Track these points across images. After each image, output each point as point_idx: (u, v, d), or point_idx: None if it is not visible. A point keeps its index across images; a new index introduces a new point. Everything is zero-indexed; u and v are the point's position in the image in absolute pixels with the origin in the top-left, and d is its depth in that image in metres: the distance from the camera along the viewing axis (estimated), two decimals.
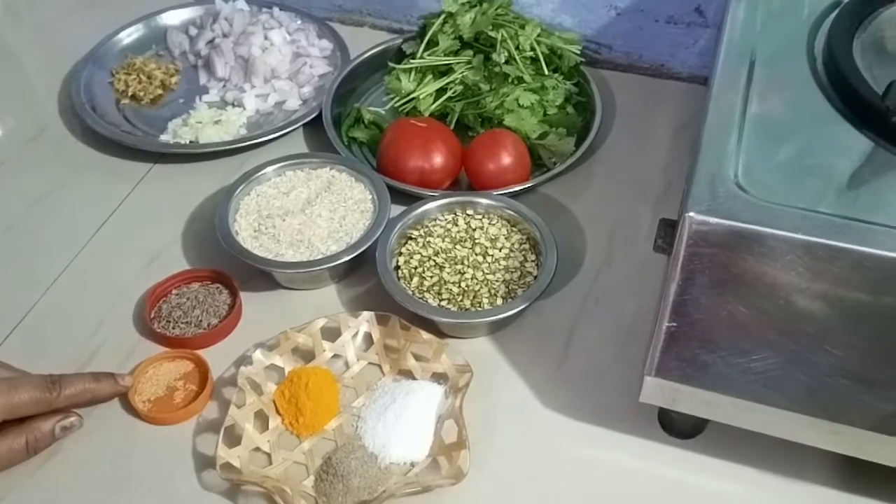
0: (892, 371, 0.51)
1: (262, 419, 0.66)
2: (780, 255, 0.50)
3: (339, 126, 0.89)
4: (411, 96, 0.88)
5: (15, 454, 0.63)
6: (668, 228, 0.55)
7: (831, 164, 0.54)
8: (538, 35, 0.88)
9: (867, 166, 0.55)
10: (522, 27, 0.88)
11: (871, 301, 0.49)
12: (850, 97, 0.58)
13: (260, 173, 0.79)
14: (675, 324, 0.54)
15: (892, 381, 0.51)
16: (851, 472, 0.61)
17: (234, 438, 0.64)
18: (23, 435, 0.63)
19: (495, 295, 0.71)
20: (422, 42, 0.90)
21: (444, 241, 0.74)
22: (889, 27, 0.65)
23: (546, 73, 0.87)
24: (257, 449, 0.64)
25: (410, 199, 0.78)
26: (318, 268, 0.72)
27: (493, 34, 0.87)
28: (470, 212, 0.77)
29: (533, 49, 0.87)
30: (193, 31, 1.01)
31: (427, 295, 0.71)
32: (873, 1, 0.66)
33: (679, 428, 0.64)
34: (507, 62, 0.86)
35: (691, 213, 0.50)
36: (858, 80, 0.58)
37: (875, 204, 0.52)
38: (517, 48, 0.86)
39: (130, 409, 0.67)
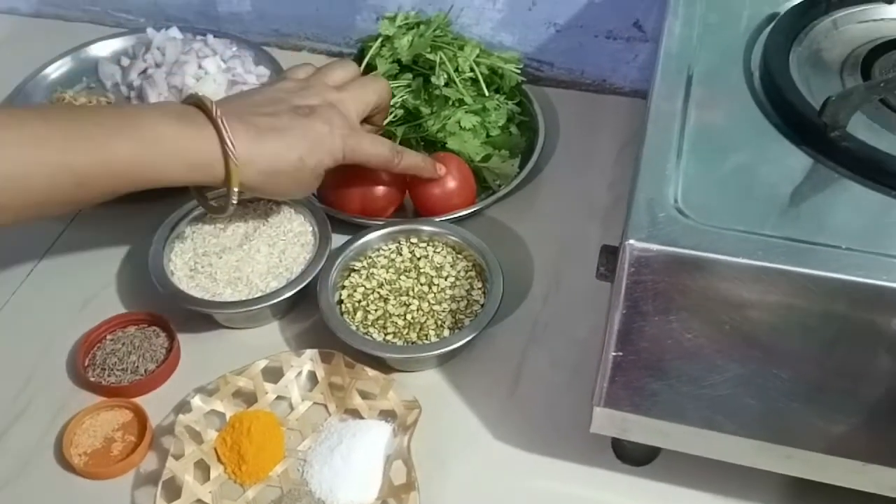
0: (840, 393, 0.50)
1: (203, 469, 0.63)
2: (723, 279, 0.49)
3: None
4: None
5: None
6: (610, 255, 0.54)
7: (771, 183, 0.54)
8: (477, 56, 0.86)
9: (807, 183, 0.54)
10: (461, 48, 0.86)
11: (817, 323, 0.49)
12: (787, 113, 0.57)
13: (196, 210, 0.76)
14: (620, 353, 0.52)
15: (840, 402, 0.50)
16: (805, 493, 0.60)
17: (174, 491, 0.61)
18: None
19: (442, 326, 0.69)
20: (360, 66, 0.88)
21: (388, 271, 0.72)
22: (825, 39, 0.65)
23: (487, 94, 0.85)
24: (199, 501, 0.61)
25: (353, 229, 0.76)
26: (257, 306, 0.69)
27: (431, 57, 0.85)
28: (414, 240, 0.75)
29: (472, 70, 0.85)
30: (126, 61, 0.98)
31: (372, 329, 0.69)
32: (808, 13, 0.66)
33: (632, 455, 0.62)
34: (446, 84, 0.84)
35: (631, 241, 0.49)
36: (795, 95, 0.57)
37: (817, 223, 0.51)
38: (456, 70, 0.85)
39: (66, 463, 0.64)
